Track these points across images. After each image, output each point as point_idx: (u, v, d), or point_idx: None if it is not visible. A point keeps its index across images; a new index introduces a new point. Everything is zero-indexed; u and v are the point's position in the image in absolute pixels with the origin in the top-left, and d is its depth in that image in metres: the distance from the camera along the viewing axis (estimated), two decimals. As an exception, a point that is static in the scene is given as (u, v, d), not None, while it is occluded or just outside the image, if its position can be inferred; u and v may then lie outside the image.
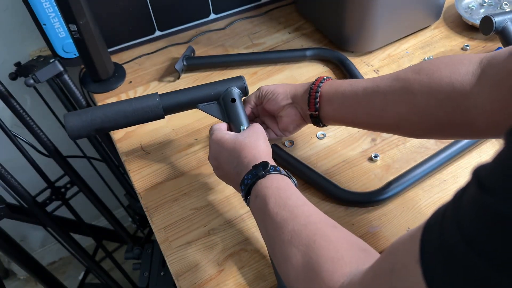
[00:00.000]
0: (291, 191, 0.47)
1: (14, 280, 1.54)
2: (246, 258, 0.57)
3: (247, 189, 0.48)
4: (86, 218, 1.18)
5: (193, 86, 0.63)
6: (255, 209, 0.48)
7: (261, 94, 0.62)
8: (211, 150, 0.57)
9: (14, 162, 0.95)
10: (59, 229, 1.02)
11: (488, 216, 0.22)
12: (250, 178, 0.48)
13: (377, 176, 0.65)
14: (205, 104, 0.62)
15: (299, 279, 0.39)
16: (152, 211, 0.63)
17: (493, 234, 0.22)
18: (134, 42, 0.91)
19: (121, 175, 1.12)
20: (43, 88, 0.96)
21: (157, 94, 0.61)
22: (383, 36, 0.85)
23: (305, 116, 0.60)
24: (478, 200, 0.23)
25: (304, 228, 0.41)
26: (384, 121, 0.52)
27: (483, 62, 0.44)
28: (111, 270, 1.33)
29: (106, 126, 0.60)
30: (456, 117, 0.45)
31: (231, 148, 0.53)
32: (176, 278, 0.56)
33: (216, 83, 0.63)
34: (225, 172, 0.55)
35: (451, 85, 0.45)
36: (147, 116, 0.61)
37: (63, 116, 0.60)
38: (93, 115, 0.59)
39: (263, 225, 0.46)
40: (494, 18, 0.71)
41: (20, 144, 0.87)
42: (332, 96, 0.56)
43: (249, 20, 0.98)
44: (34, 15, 0.77)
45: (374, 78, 0.53)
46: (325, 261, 0.38)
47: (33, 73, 0.75)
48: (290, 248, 0.41)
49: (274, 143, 0.66)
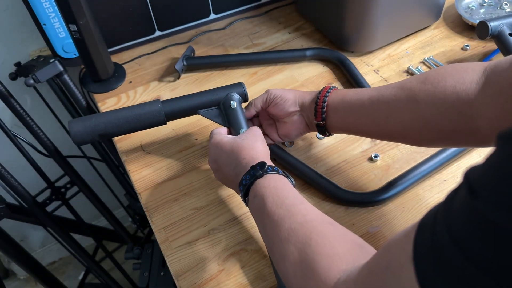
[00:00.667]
0: (289, 190, 0.47)
1: (14, 280, 1.54)
2: (246, 258, 0.57)
3: (246, 190, 0.49)
4: (86, 218, 1.18)
5: (194, 93, 0.65)
6: (253, 209, 0.49)
7: (269, 97, 0.62)
8: (210, 153, 0.57)
9: (14, 162, 0.95)
10: (59, 229, 1.02)
11: (477, 221, 0.22)
12: (248, 178, 0.49)
13: (377, 176, 0.65)
14: (205, 110, 0.64)
15: (297, 276, 0.40)
16: (152, 211, 0.63)
17: (482, 240, 0.22)
18: (134, 42, 0.91)
19: (121, 175, 1.12)
20: (43, 88, 0.96)
21: (159, 101, 0.63)
22: (383, 36, 0.85)
23: (311, 125, 0.61)
24: (468, 204, 0.23)
25: (301, 226, 0.42)
26: (389, 130, 0.53)
27: (486, 71, 0.44)
28: (111, 270, 1.33)
29: (109, 132, 0.62)
30: (460, 125, 0.46)
31: (230, 150, 0.54)
32: (176, 278, 0.56)
33: (216, 89, 0.64)
34: (225, 174, 0.56)
35: (455, 94, 0.45)
36: (149, 122, 0.62)
37: (68, 123, 0.61)
38: (96, 121, 0.61)
39: (261, 225, 0.47)
40: (490, 23, 0.72)
41: (20, 144, 0.87)
42: (338, 105, 0.57)
43: (249, 20, 0.98)
44: (34, 15, 0.77)
45: (379, 87, 0.54)
46: (321, 258, 0.38)
47: (33, 73, 0.75)
48: (287, 246, 0.41)
49: (275, 143, 0.66)
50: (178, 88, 0.82)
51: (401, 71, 0.82)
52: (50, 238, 1.05)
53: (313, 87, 0.80)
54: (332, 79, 0.82)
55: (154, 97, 0.81)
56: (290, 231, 0.42)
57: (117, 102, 0.80)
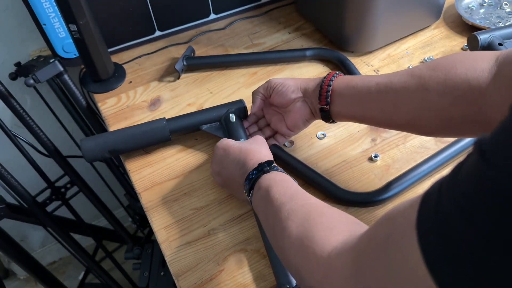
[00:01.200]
0: (293, 183, 0.49)
1: (14, 280, 1.54)
2: (246, 258, 0.57)
3: (252, 183, 0.50)
4: (86, 218, 1.18)
5: (197, 111, 0.71)
6: (257, 200, 0.49)
7: (269, 86, 0.62)
8: (216, 155, 0.59)
9: (14, 162, 0.95)
10: (59, 229, 1.02)
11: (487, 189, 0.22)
12: (255, 173, 0.51)
13: (377, 176, 0.65)
14: (208, 125, 0.69)
15: (293, 247, 0.40)
16: (152, 211, 0.63)
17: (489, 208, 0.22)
18: (134, 42, 0.91)
19: (121, 175, 1.12)
20: (43, 88, 0.96)
21: (164, 119, 0.68)
22: (383, 36, 0.85)
23: (315, 111, 0.60)
24: (479, 171, 0.23)
25: (301, 207, 0.43)
26: (397, 118, 0.51)
27: (499, 60, 0.43)
28: (111, 270, 1.33)
29: (118, 148, 0.66)
30: (471, 114, 0.44)
31: (238, 153, 0.55)
32: (176, 278, 0.56)
33: (218, 106, 0.70)
34: (229, 175, 0.57)
35: (467, 82, 0.44)
36: (155, 138, 0.68)
37: (79, 141, 0.66)
38: (106, 139, 0.66)
39: (264, 213, 0.48)
40: (479, 36, 0.75)
41: (20, 144, 0.87)
42: (343, 90, 0.55)
43: (249, 20, 0.98)
44: (34, 15, 0.77)
45: (388, 74, 0.53)
46: (318, 229, 0.39)
47: (33, 73, 0.75)
48: (286, 222, 0.42)
49: (274, 143, 0.66)
50: (178, 88, 0.82)
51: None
52: (50, 238, 1.05)
53: (313, 87, 0.80)
54: (332, 79, 0.82)
55: (154, 97, 0.81)
56: (290, 211, 0.43)
57: (117, 102, 0.80)
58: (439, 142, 0.69)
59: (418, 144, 0.69)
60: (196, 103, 0.79)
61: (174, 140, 0.72)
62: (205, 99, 0.80)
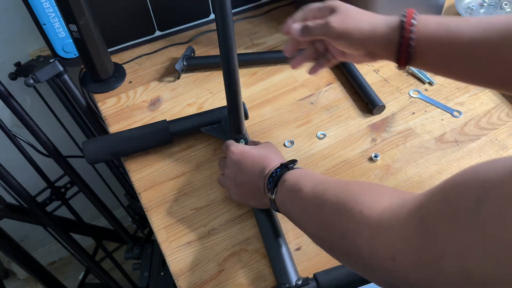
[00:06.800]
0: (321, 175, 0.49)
1: (14, 280, 1.55)
2: (246, 258, 0.57)
3: (276, 180, 0.51)
4: (86, 218, 1.18)
5: (198, 113, 0.71)
6: (283, 193, 0.49)
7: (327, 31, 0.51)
8: (231, 160, 0.58)
9: (14, 162, 0.95)
10: (59, 229, 1.02)
11: None
12: (279, 171, 0.51)
13: (377, 176, 0.65)
14: (208, 127, 0.69)
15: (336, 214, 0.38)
16: (152, 211, 0.63)
17: None
18: (134, 42, 0.91)
19: (121, 175, 1.12)
20: (43, 88, 0.96)
21: (166, 121, 0.68)
22: (383, 36, 0.85)
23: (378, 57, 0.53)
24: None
25: (335, 184, 0.42)
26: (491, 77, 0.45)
27: None
28: (111, 270, 1.33)
29: (120, 150, 0.67)
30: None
31: (257, 157, 0.56)
32: (176, 278, 0.56)
33: (218, 109, 0.70)
34: (247, 178, 0.56)
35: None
36: (157, 140, 0.68)
37: (82, 144, 0.66)
38: (108, 141, 0.66)
39: (292, 201, 0.47)
40: None
41: (20, 144, 0.87)
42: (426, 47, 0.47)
43: (249, 20, 0.98)
44: (34, 15, 0.77)
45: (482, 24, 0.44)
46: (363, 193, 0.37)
47: (33, 73, 0.75)
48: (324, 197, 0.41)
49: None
50: (178, 88, 0.82)
51: (401, 71, 0.82)
52: (50, 238, 1.05)
53: (313, 87, 0.80)
54: (332, 79, 0.82)
55: (154, 97, 0.81)
56: (326, 188, 0.42)
57: (117, 102, 0.80)
58: (439, 142, 0.69)
59: (418, 144, 0.69)
60: (196, 103, 0.79)
61: (174, 141, 0.72)
62: (205, 99, 0.80)
